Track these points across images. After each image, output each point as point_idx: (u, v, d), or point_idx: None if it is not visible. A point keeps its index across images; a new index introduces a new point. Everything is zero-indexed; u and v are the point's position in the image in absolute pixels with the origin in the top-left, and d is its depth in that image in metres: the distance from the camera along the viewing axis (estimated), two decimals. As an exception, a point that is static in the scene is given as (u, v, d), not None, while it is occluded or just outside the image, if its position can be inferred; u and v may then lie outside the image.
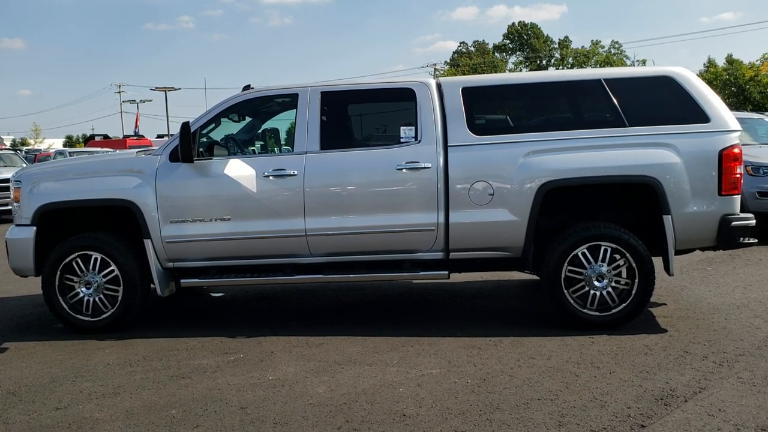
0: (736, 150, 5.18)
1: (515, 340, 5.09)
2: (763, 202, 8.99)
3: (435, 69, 63.59)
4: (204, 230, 5.48)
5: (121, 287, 5.60)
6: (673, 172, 5.13)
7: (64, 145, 70.11)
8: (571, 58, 70.47)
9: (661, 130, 5.23)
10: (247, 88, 5.98)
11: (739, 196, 5.30)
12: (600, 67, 62.01)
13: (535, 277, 6.07)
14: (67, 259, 5.62)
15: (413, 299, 6.67)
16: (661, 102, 5.44)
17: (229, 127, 6.19)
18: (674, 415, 3.70)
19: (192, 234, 5.49)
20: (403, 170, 5.36)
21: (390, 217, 5.40)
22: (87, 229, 5.81)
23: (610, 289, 5.22)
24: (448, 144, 5.37)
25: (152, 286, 5.74)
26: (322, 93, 5.64)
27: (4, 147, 35.73)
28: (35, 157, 27.40)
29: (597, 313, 5.24)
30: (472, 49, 76.31)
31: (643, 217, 5.51)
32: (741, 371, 4.31)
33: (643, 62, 59.81)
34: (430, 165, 5.33)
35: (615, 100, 5.34)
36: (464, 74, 57.15)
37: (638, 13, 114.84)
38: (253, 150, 6.37)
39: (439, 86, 5.61)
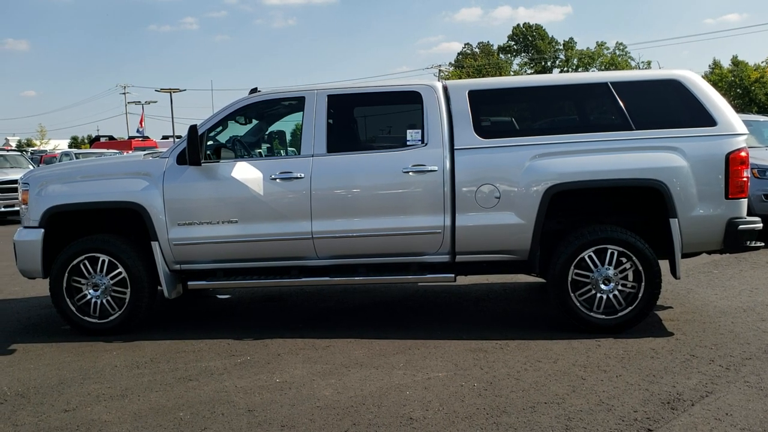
0: (742, 153, 5.17)
1: (522, 343, 5.10)
2: (770, 204, 8.96)
3: (440, 70, 63.56)
4: (211, 233, 5.50)
5: (129, 289, 5.62)
6: (679, 175, 5.13)
7: (70, 146, 70.50)
8: (575, 60, 70.42)
9: (667, 134, 5.23)
10: (254, 91, 6.01)
11: (746, 199, 5.30)
12: (605, 68, 61.96)
13: (542, 280, 6.08)
14: (75, 261, 5.64)
15: (419, 302, 6.67)
16: (668, 105, 5.44)
17: (236, 130, 6.21)
18: (681, 419, 3.69)
19: (199, 236, 5.52)
20: (410, 173, 5.37)
21: (396, 219, 5.40)
22: (95, 232, 5.84)
23: (616, 293, 5.22)
24: (455, 147, 5.38)
25: (159, 288, 5.76)
26: (329, 96, 5.65)
27: (10, 148, 35.87)
28: (41, 158, 27.53)
29: (603, 317, 5.24)
30: (477, 50, 76.32)
31: (650, 221, 5.50)
32: (748, 375, 4.30)
33: (648, 64, 59.74)
34: (436, 168, 5.34)
35: (621, 104, 5.35)
36: (469, 76, 57.16)
37: (643, 15, 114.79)
38: (260, 153, 6.39)
39: (445, 89, 5.62)
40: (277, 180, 5.47)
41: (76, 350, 5.33)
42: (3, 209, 15.94)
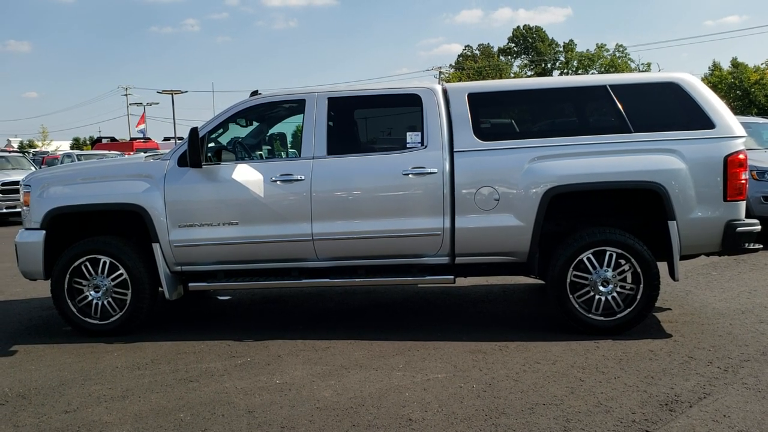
0: (741, 156, 5.20)
1: (521, 344, 5.12)
2: (769, 206, 8.98)
3: (440, 72, 63.57)
4: (212, 234, 5.53)
5: (130, 291, 5.65)
6: (678, 178, 5.16)
7: (72, 148, 70.58)
8: (575, 62, 70.41)
9: (666, 136, 5.25)
10: (255, 93, 6.03)
11: (745, 201, 5.32)
12: (605, 70, 61.95)
13: (541, 282, 6.09)
14: (76, 263, 5.67)
15: (419, 303, 6.69)
16: (667, 108, 5.46)
17: (237, 132, 6.24)
18: (679, 420, 3.71)
19: (200, 238, 5.54)
20: (410, 175, 5.40)
21: (396, 221, 5.43)
22: (96, 233, 5.87)
23: (615, 294, 5.24)
24: (454, 149, 5.40)
25: (160, 289, 5.78)
26: (329, 99, 5.68)
27: (12, 149, 35.94)
28: (43, 160, 27.56)
29: (602, 318, 5.26)
30: (477, 52, 76.36)
31: (648, 223, 5.52)
32: (746, 377, 4.32)
33: (648, 66, 59.74)
34: (436, 170, 5.37)
35: (620, 106, 5.37)
36: (469, 78, 57.16)
37: (643, 17, 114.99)
38: (261, 155, 6.42)
39: (445, 92, 5.64)
40: (278, 182, 5.50)
41: (77, 351, 5.35)
42: (5, 210, 15.98)
